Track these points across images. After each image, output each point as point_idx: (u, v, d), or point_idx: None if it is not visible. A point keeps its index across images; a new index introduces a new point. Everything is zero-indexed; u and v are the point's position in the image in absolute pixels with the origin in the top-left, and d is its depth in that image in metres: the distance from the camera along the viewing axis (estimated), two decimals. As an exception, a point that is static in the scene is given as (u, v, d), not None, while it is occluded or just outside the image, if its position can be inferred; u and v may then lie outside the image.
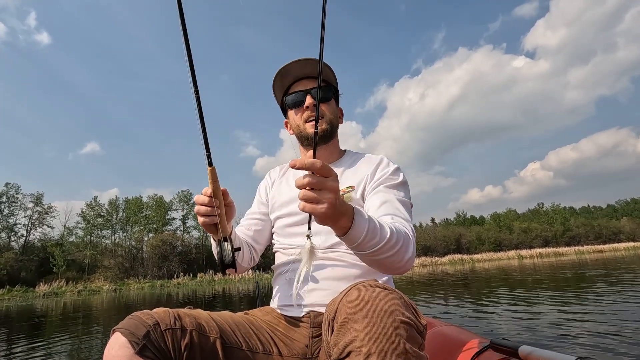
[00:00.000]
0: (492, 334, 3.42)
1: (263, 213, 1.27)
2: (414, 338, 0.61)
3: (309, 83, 1.15)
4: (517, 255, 42.88)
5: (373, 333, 0.58)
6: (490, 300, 5.95)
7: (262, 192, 1.32)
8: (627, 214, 70.57)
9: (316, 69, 1.08)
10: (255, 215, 1.26)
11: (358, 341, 0.58)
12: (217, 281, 33.00)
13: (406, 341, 0.59)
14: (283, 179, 1.28)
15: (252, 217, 1.26)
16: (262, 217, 1.26)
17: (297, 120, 1.17)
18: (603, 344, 2.80)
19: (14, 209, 39.56)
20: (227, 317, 0.99)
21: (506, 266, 20.99)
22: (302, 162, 0.66)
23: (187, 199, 47.02)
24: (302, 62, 1.11)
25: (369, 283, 0.69)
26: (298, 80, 1.17)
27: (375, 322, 0.59)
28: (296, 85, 1.17)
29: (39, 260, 35.39)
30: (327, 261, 1.04)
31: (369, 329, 0.58)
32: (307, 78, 1.16)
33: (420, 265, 38.24)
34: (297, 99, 1.16)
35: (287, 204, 1.18)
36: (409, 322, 0.61)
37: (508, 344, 0.99)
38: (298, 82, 1.17)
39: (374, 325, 0.59)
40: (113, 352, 0.76)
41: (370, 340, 0.57)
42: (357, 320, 0.60)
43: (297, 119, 1.17)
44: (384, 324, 0.59)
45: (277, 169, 1.34)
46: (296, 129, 1.19)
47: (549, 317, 4.10)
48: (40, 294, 27.50)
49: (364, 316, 0.60)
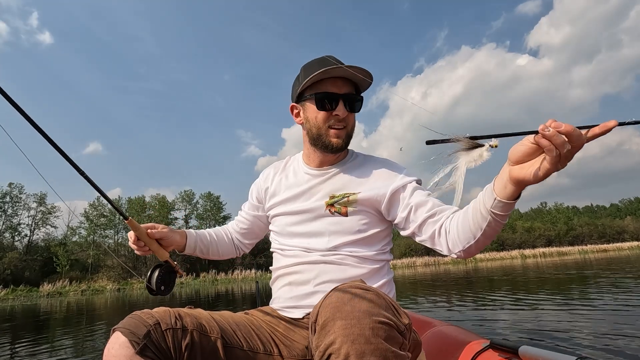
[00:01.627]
0: (493, 334, 3.42)
1: (252, 215, 1.33)
2: (394, 338, 0.62)
3: (344, 86, 1.07)
4: (520, 254, 42.72)
5: (351, 335, 0.58)
6: (491, 300, 5.93)
7: (253, 194, 1.31)
8: (630, 213, 70.13)
9: (362, 79, 1.06)
10: (243, 214, 1.35)
11: (337, 343, 0.59)
12: (220, 280, 33.09)
13: (384, 341, 0.59)
14: (282, 176, 1.23)
15: (241, 216, 1.36)
16: (249, 218, 1.33)
17: (320, 120, 1.07)
18: (604, 343, 2.79)
19: (18, 208, 39.77)
20: (228, 317, 0.98)
21: (509, 266, 20.94)
22: (567, 128, 0.59)
23: (189, 198, 47.12)
24: (354, 67, 1.02)
25: (350, 284, 0.70)
26: (335, 77, 1.06)
27: (353, 324, 0.59)
28: (332, 83, 1.06)
29: (42, 260, 35.52)
30: (329, 264, 1.03)
31: (347, 331, 0.59)
32: (343, 79, 1.07)
33: (423, 265, 38.23)
34: (330, 101, 1.06)
35: (287, 203, 1.16)
36: (388, 322, 0.62)
37: (508, 344, 0.99)
38: (334, 80, 1.06)
39: (352, 327, 0.59)
40: (113, 352, 0.75)
41: (348, 342, 0.58)
42: (335, 323, 0.61)
43: (320, 118, 1.07)
44: (362, 325, 0.59)
45: (272, 167, 1.30)
46: (315, 128, 1.09)
47: (550, 316, 4.08)
48: (44, 293, 27.66)
49: (342, 318, 0.61)
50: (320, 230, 1.06)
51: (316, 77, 1.03)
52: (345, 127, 1.09)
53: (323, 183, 1.12)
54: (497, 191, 0.75)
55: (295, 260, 1.07)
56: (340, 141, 1.08)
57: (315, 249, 1.05)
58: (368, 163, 1.15)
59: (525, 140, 0.66)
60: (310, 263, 1.04)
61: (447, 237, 0.93)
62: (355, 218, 1.06)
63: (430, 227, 0.98)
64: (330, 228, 1.06)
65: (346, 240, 1.04)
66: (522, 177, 0.67)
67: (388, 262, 1.11)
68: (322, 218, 1.08)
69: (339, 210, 1.06)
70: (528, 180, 0.67)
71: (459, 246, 0.90)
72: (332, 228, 1.06)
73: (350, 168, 1.14)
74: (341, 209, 1.06)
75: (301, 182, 1.15)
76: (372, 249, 1.06)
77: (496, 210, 0.77)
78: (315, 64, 1.08)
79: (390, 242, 1.13)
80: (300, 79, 1.11)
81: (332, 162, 1.15)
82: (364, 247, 1.05)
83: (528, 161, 0.67)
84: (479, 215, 0.81)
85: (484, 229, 0.82)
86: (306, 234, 1.09)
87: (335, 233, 1.05)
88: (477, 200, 0.84)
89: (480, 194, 0.82)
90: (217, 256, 1.33)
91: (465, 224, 0.86)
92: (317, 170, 1.15)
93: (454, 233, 0.90)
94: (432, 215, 0.98)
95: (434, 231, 0.96)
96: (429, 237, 0.98)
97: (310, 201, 1.11)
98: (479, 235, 0.84)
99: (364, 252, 1.04)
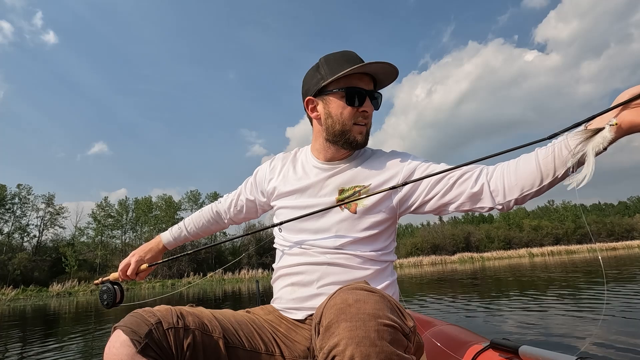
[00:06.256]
0: (493, 333, 3.40)
1: (250, 200, 1.32)
2: (398, 341, 0.61)
3: (370, 82, 1.06)
4: (527, 253, 42.39)
5: (356, 337, 0.58)
6: (496, 300, 5.90)
7: (258, 179, 1.28)
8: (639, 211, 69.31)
9: (388, 76, 1.06)
10: (241, 197, 1.34)
11: (341, 345, 0.58)
12: (227, 280, 33.23)
13: (389, 344, 0.59)
14: (290, 168, 1.19)
15: (237, 197, 1.35)
16: (246, 203, 1.33)
17: (346, 116, 1.04)
18: (605, 343, 2.77)
19: (26, 210, 40.20)
20: (229, 316, 0.97)
21: (517, 264, 20.77)
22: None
23: (195, 198, 47.25)
24: (389, 64, 1.02)
25: (355, 286, 0.69)
26: (362, 73, 1.04)
27: (358, 326, 0.59)
28: (359, 79, 1.04)
29: (51, 261, 35.85)
30: (333, 266, 1.01)
31: (351, 333, 0.58)
32: (368, 75, 1.05)
33: (430, 264, 38.08)
34: (359, 97, 1.04)
35: (293, 196, 1.13)
36: (393, 325, 0.61)
37: (508, 344, 0.99)
38: (361, 76, 1.04)
39: (357, 329, 0.58)
40: (114, 350, 0.75)
41: (353, 344, 0.57)
42: (340, 324, 0.60)
43: (347, 113, 1.04)
44: (367, 328, 0.58)
45: (279, 159, 1.26)
46: (339, 124, 1.05)
47: (550, 316, 4.06)
48: (53, 293, 27.93)
49: (347, 320, 0.60)
50: (327, 227, 1.04)
51: (337, 66, 1.02)
52: (366, 123, 1.08)
53: (332, 177, 1.09)
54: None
55: (299, 260, 1.05)
56: (363, 137, 1.07)
57: (321, 247, 1.03)
58: (376, 155, 1.13)
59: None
60: (314, 264, 1.02)
61: (498, 184, 0.89)
62: (364, 215, 1.03)
63: (464, 185, 0.94)
64: (337, 224, 1.04)
65: (352, 239, 1.02)
66: (638, 122, 0.68)
67: (392, 263, 1.09)
68: (329, 214, 1.06)
69: (348, 207, 1.04)
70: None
71: (515, 192, 0.87)
72: (339, 225, 1.04)
73: (359, 162, 1.11)
74: (351, 206, 1.04)
75: (310, 176, 1.13)
76: (377, 249, 1.04)
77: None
78: (340, 57, 1.05)
79: (394, 241, 1.11)
80: (323, 72, 1.06)
81: (342, 156, 1.12)
82: (369, 246, 1.03)
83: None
84: (557, 160, 0.79)
85: (556, 176, 0.80)
86: (312, 230, 1.06)
87: (342, 230, 1.03)
88: (550, 147, 0.81)
89: (556, 141, 0.80)
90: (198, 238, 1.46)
91: (528, 168, 0.84)
92: (327, 165, 1.12)
93: (509, 179, 0.87)
94: (462, 175, 0.95)
95: (472, 186, 0.93)
96: (468, 197, 0.94)
97: (319, 196, 1.09)
98: (547, 181, 0.82)
99: (368, 252, 1.02)
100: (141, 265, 1.28)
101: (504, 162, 0.91)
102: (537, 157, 0.84)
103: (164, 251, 1.37)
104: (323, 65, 1.07)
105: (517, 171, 0.87)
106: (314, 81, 1.08)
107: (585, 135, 0.73)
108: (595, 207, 79.53)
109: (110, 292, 1.19)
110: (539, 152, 0.84)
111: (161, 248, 1.35)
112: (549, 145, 0.82)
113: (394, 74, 1.05)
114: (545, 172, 0.82)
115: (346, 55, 1.06)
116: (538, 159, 0.83)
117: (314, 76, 1.08)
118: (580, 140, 0.73)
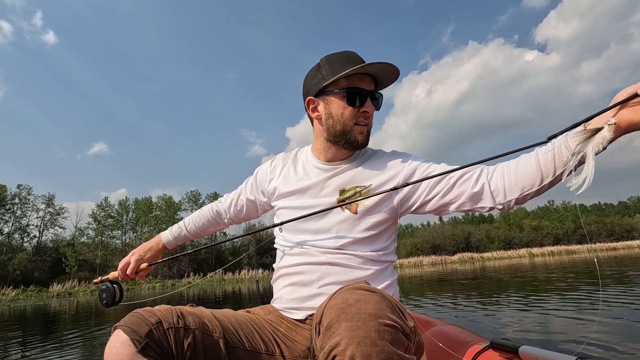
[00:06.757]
0: (493, 333, 3.40)
1: (250, 200, 1.31)
2: (399, 341, 0.61)
3: (371, 82, 1.06)
4: (528, 253, 42.38)
5: (356, 337, 0.58)
6: (496, 299, 5.90)
7: (259, 179, 1.27)
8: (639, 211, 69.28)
9: (389, 77, 1.06)
10: (242, 197, 1.34)
11: (342, 345, 0.58)
12: (228, 280, 33.23)
13: (390, 344, 0.59)
14: (290, 168, 1.19)
15: (237, 197, 1.35)
16: (246, 203, 1.33)
17: (347, 116, 1.04)
18: (605, 343, 2.77)
19: (26, 210, 40.20)
20: (230, 316, 0.97)
21: (517, 264, 20.78)
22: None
23: (195, 199, 47.22)
24: (390, 65, 1.02)
25: (355, 286, 0.69)
26: (363, 73, 1.05)
27: (359, 326, 0.59)
28: (360, 79, 1.04)
29: (51, 261, 35.84)
30: (333, 266, 1.01)
31: (352, 333, 0.58)
32: (369, 75, 1.05)
33: (431, 264, 38.09)
34: (360, 97, 1.04)
35: (294, 196, 1.13)
36: (394, 325, 0.61)
37: (508, 344, 0.99)
38: (362, 76, 1.04)
39: (358, 328, 0.58)
40: (114, 350, 0.75)
41: (353, 344, 0.57)
42: (340, 324, 0.60)
43: (348, 114, 1.04)
44: (368, 327, 0.58)
45: (279, 159, 1.25)
46: (340, 124, 1.05)
47: (550, 317, 4.06)
48: (53, 293, 27.93)
49: (347, 320, 0.60)
50: (328, 227, 1.04)
51: (351, 72, 1.00)
52: (367, 123, 1.08)
53: (333, 177, 1.09)
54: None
55: (300, 260, 1.05)
56: (363, 137, 1.07)
57: (321, 247, 1.03)
58: (377, 155, 1.13)
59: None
60: (314, 264, 1.02)
61: (498, 184, 0.90)
62: (365, 216, 1.03)
63: (464, 185, 0.95)
64: (338, 225, 1.04)
65: (353, 239, 1.02)
66: (636, 120, 0.69)
67: (392, 263, 1.09)
68: (330, 214, 1.06)
69: (349, 207, 1.04)
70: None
71: (516, 192, 0.87)
72: (340, 225, 1.04)
73: (360, 162, 1.11)
74: (352, 206, 1.04)
75: (310, 176, 1.13)
76: (378, 249, 1.04)
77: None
78: (341, 57, 1.05)
79: (395, 242, 1.11)
80: (324, 72, 1.05)
81: (343, 157, 1.12)
82: (370, 246, 1.03)
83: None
84: (557, 159, 0.80)
85: (556, 175, 0.81)
86: (313, 231, 1.06)
87: (342, 230, 1.03)
88: (550, 146, 0.82)
89: (556, 141, 0.80)
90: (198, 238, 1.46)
91: (528, 168, 0.85)
92: (328, 165, 1.12)
93: (509, 179, 0.88)
94: (462, 175, 0.95)
95: (473, 186, 0.93)
96: (468, 196, 0.94)
97: (319, 196, 1.09)
98: (548, 181, 0.83)
99: (369, 252, 1.02)
100: (141, 264, 1.28)
101: (504, 162, 0.92)
102: (537, 157, 0.84)
103: (163, 250, 1.37)
104: (324, 66, 1.07)
105: (517, 171, 0.87)
106: (315, 81, 1.08)
107: (584, 135, 0.73)
108: (595, 207, 79.49)
109: (110, 291, 1.19)
110: (539, 152, 0.85)
111: (161, 247, 1.35)
112: (549, 144, 0.82)
113: (394, 74, 1.05)
114: (546, 171, 0.83)
115: (347, 56, 1.06)
116: (538, 158, 0.84)
117: (315, 76, 1.08)
118: (580, 141, 0.74)
